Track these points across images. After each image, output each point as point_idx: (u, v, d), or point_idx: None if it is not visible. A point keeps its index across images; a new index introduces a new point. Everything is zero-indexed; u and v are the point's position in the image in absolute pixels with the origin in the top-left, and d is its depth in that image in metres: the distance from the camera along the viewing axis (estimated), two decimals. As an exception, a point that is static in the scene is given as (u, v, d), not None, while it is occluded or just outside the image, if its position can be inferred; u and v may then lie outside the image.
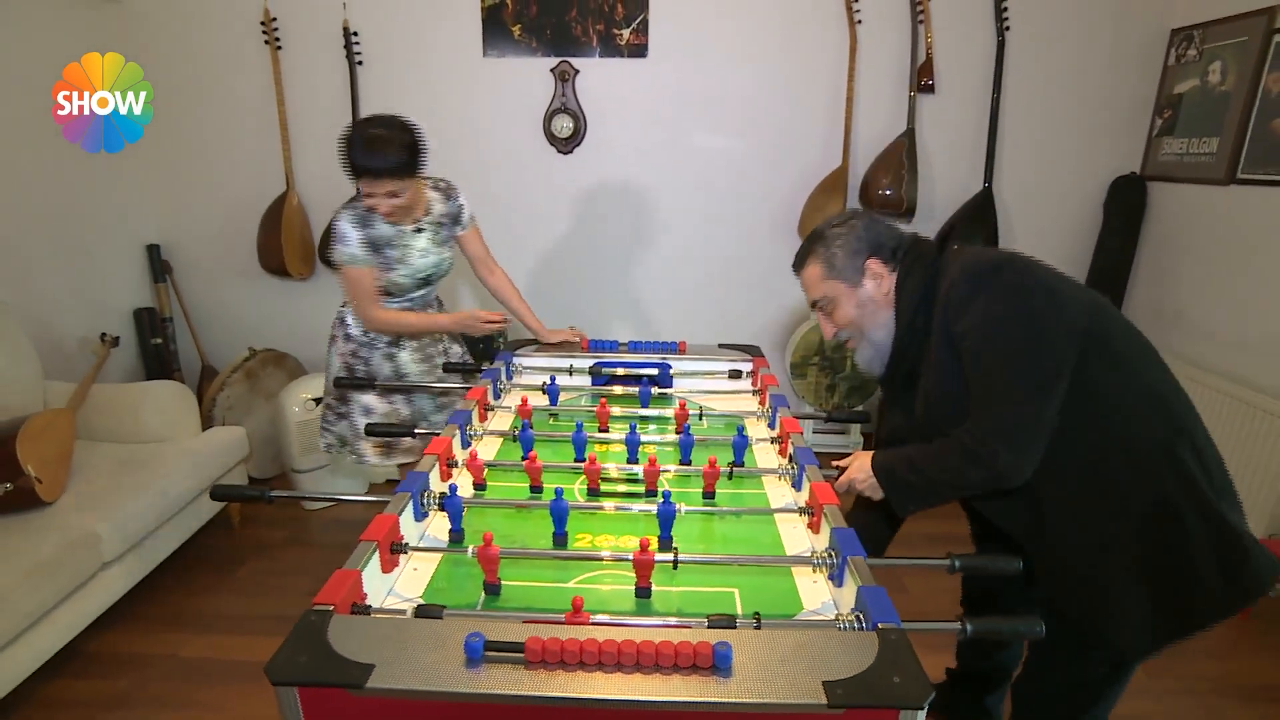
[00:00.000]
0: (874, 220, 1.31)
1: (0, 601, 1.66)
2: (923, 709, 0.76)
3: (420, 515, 1.22)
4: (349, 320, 2.03)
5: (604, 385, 1.92)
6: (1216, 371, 2.58)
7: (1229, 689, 2.00)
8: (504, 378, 1.88)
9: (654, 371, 1.94)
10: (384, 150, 1.70)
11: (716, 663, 0.80)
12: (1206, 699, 1.96)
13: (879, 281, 1.27)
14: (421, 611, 0.94)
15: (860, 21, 2.83)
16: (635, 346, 2.03)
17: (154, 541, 2.20)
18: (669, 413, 1.68)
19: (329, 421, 2.13)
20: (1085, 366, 1.09)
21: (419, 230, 1.92)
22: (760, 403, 1.79)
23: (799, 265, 1.35)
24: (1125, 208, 2.99)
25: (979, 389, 1.13)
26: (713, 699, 0.77)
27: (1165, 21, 2.85)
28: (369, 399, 2.06)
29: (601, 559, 1.11)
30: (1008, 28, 2.81)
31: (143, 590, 2.23)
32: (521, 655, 0.81)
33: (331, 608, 0.89)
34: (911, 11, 2.82)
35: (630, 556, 1.04)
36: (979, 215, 2.95)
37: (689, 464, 1.44)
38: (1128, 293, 3.06)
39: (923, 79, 2.86)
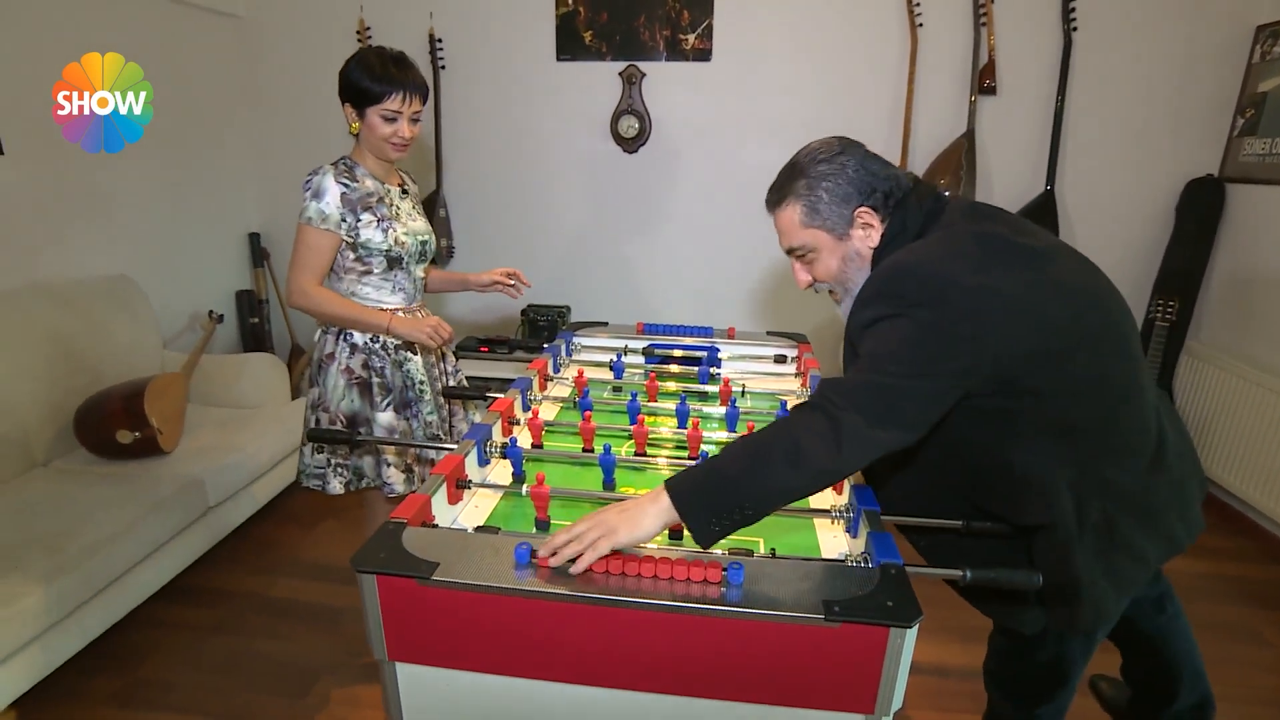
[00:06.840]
0: (867, 158, 1.11)
1: (130, 529, 1.93)
2: (911, 627, 0.85)
3: (483, 461, 1.37)
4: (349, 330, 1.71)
5: (657, 365, 2.04)
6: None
7: (1282, 700, 1.95)
8: (564, 354, 2.03)
9: (703, 354, 2.05)
10: (412, 65, 1.56)
11: (729, 578, 0.91)
12: (1254, 708, 1.92)
13: (869, 232, 1.10)
14: (481, 530, 1.09)
15: (922, 25, 2.87)
16: (684, 330, 2.14)
17: (248, 494, 2.47)
18: (714, 389, 1.79)
19: (339, 457, 1.74)
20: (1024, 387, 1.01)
21: (404, 193, 1.74)
22: (802, 385, 1.88)
23: (774, 204, 1.15)
24: (1201, 211, 2.91)
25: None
26: (719, 606, 0.88)
27: (1250, 18, 2.77)
28: (389, 416, 1.71)
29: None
30: (1075, 28, 2.79)
31: (237, 537, 2.51)
32: (561, 563, 0.94)
33: (405, 520, 1.05)
34: (974, 14, 2.84)
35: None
36: (1039, 217, 2.94)
37: (734, 433, 1.55)
38: (1200, 297, 2.98)
39: (984, 81, 2.87)
